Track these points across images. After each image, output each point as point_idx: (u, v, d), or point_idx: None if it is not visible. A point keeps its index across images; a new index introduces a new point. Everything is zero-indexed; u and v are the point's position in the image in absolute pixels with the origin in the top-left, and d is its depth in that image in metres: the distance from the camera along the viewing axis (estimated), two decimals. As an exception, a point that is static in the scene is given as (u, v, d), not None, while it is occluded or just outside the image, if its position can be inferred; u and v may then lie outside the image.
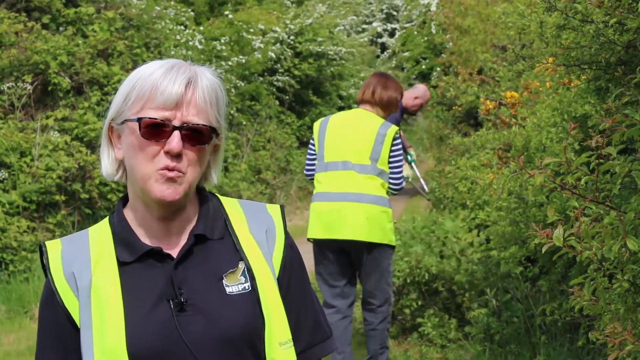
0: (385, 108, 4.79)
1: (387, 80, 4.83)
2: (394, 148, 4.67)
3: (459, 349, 5.31)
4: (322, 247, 4.70)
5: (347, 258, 4.70)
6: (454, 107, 10.21)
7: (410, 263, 5.59)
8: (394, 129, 4.69)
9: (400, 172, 4.71)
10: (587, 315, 2.36)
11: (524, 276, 5.11)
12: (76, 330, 1.54)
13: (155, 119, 1.52)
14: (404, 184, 4.77)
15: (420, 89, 8.76)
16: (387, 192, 4.70)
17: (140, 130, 1.53)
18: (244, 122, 13.06)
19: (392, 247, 4.74)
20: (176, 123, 1.53)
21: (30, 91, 8.90)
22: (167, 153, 1.52)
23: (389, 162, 4.67)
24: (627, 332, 1.95)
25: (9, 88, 8.74)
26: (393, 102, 4.80)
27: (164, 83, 1.53)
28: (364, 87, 4.84)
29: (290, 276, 1.66)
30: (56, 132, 8.68)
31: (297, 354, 1.64)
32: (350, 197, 4.61)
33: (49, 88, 9.15)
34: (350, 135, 4.67)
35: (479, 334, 5.08)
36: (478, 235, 5.80)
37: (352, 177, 4.61)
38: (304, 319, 1.67)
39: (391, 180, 4.68)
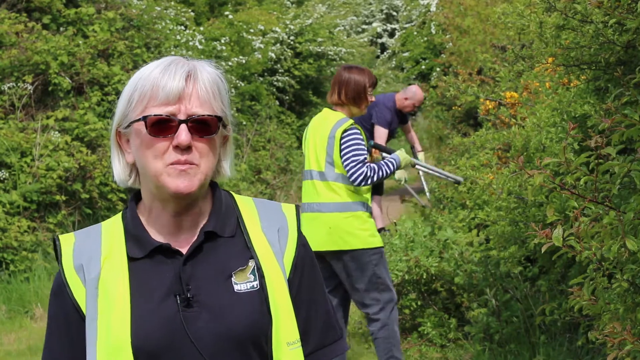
0: (356, 102, 4.55)
1: (350, 75, 4.55)
2: (342, 145, 4.44)
3: (458, 348, 5.31)
4: None
5: (330, 268, 4.59)
6: (453, 107, 10.22)
7: (409, 263, 5.59)
8: (343, 126, 4.45)
9: (348, 164, 4.40)
10: (586, 315, 2.37)
11: (523, 276, 5.11)
12: (83, 319, 1.55)
13: (161, 115, 1.53)
14: (360, 172, 4.39)
15: (410, 89, 8.66)
16: (356, 194, 4.47)
17: (146, 128, 1.53)
18: (244, 122, 13.06)
19: (373, 250, 4.50)
20: (181, 116, 1.54)
21: (31, 91, 8.90)
22: (176, 147, 1.53)
23: (342, 161, 4.45)
24: (626, 332, 1.95)
25: (9, 88, 8.75)
26: (361, 93, 4.53)
27: (163, 79, 1.54)
28: (331, 88, 4.63)
29: (302, 276, 1.65)
30: (56, 132, 8.68)
31: (308, 355, 1.64)
32: (313, 207, 4.55)
33: (50, 88, 9.15)
34: (313, 141, 4.57)
35: (478, 333, 5.08)
36: (478, 235, 5.80)
37: (314, 187, 4.55)
38: (314, 319, 1.67)
39: (348, 174, 4.42)
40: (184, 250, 1.59)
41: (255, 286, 1.58)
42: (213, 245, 1.60)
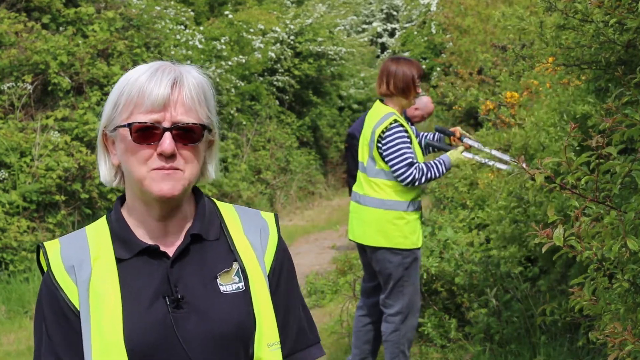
0: (404, 93, 4.51)
1: (398, 65, 4.53)
2: (383, 142, 4.41)
3: (459, 349, 5.30)
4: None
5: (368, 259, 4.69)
6: (453, 107, 10.22)
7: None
8: (385, 123, 4.41)
9: (394, 164, 4.38)
10: (587, 315, 2.36)
11: (523, 276, 5.10)
12: (78, 317, 1.55)
13: (145, 122, 1.54)
14: (407, 174, 4.36)
15: (422, 100, 8.59)
16: (399, 193, 4.45)
17: (131, 135, 1.55)
18: (244, 122, 13.05)
19: (405, 252, 4.48)
20: (166, 124, 1.55)
21: (30, 91, 8.89)
22: (160, 155, 1.55)
23: (383, 159, 4.44)
24: (627, 332, 1.94)
25: (9, 88, 8.73)
26: (410, 84, 4.49)
27: (150, 86, 1.55)
28: (378, 79, 4.59)
29: (279, 279, 1.68)
30: (56, 132, 8.67)
31: (283, 358, 1.66)
32: (357, 198, 4.63)
33: (49, 88, 9.14)
34: (364, 134, 4.60)
35: (479, 334, 5.08)
36: (478, 235, 5.80)
37: (360, 179, 4.64)
38: (290, 324, 1.70)
39: (395, 176, 4.42)
40: (171, 252, 1.61)
41: (240, 287, 1.61)
42: (199, 247, 1.62)
